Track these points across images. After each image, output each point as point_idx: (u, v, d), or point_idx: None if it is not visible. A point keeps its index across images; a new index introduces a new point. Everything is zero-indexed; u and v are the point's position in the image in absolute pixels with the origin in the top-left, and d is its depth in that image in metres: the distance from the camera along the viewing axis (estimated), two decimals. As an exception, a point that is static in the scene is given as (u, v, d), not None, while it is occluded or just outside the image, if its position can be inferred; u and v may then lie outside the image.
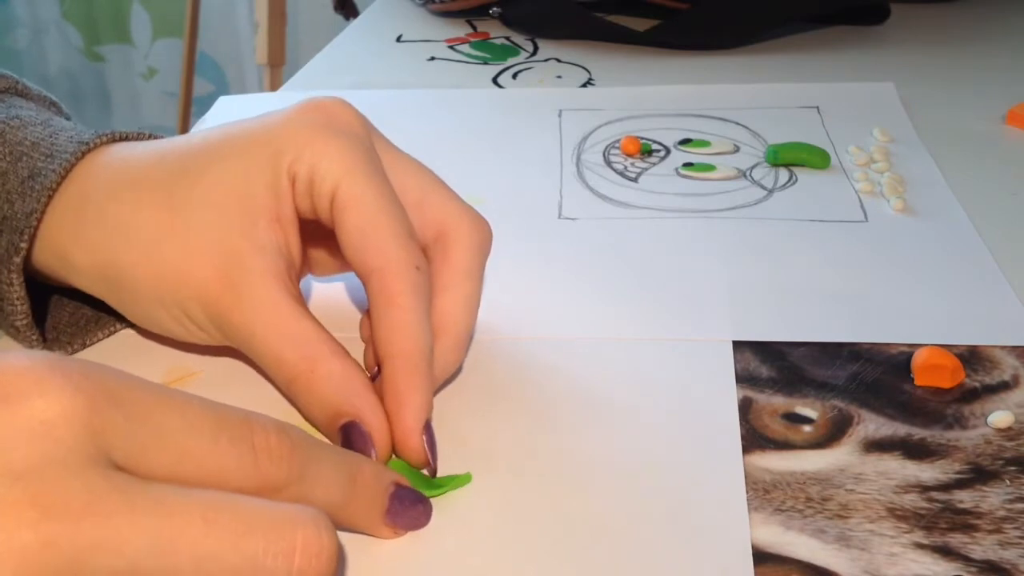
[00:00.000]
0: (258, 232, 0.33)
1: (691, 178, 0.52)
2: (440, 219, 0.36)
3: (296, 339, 0.33)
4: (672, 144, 0.55)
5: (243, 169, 0.34)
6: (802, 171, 0.52)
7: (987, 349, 0.38)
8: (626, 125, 0.58)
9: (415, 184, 0.36)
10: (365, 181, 0.33)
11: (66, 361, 0.23)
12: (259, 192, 0.34)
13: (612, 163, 0.53)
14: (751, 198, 0.50)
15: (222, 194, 0.34)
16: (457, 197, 0.37)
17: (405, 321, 0.32)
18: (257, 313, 0.33)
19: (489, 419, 0.35)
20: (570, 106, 0.60)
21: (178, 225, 0.34)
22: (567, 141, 0.56)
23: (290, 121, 0.34)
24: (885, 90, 0.61)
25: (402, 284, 0.32)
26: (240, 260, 0.33)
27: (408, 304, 0.32)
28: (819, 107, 0.59)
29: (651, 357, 0.38)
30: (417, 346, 0.32)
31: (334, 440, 0.32)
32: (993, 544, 0.30)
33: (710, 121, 0.58)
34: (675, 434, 0.34)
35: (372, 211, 0.33)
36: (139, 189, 0.35)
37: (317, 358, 0.32)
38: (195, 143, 0.35)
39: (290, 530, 0.23)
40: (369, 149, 0.34)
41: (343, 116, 0.35)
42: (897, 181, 0.50)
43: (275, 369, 0.33)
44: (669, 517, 0.30)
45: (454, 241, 0.36)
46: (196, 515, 0.22)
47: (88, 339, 0.39)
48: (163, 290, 0.34)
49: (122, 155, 0.36)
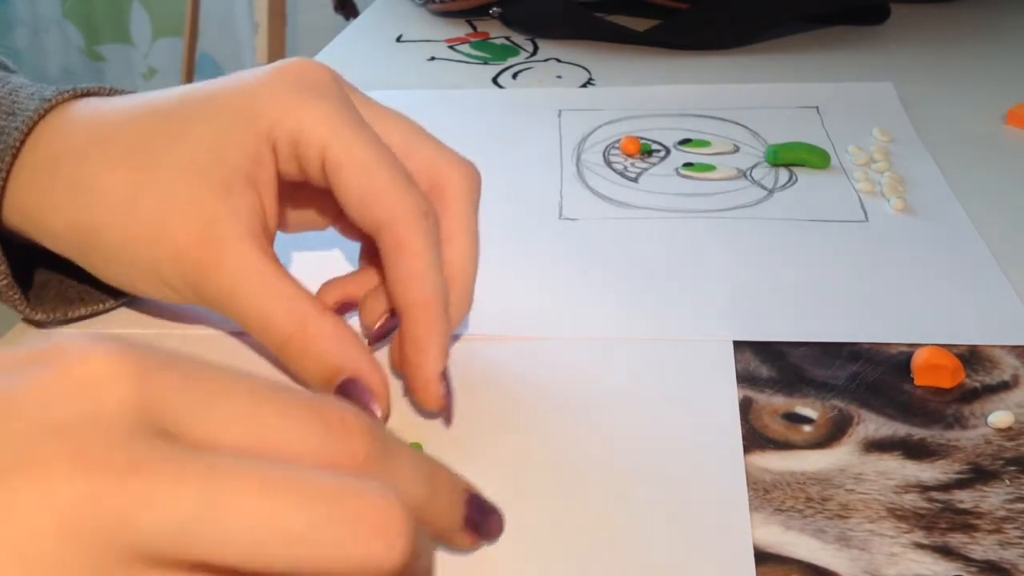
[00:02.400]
0: (234, 196, 0.33)
1: (691, 178, 0.52)
2: (431, 168, 0.36)
3: (284, 299, 0.33)
4: (672, 144, 0.55)
5: (219, 132, 0.34)
6: (802, 171, 0.52)
7: (987, 349, 0.38)
8: (626, 125, 0.58)
9: (400, 136, 0.36)
10: (353, 138, 0.33)
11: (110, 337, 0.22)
12: (235, 156, 0.33)
13: (612, 163, 0.53)
14: (751, 198, 0.50)
15: (197, 157, 0.33)
16: (443, 145, 0.37)
17: (420, 269, 0.33)
18: (241, 275, 0.33)
19: (488, 418, 0.35)
20: (570, 106, 0.60)
21: (152, 186, 0.34)
22: (567, 141, 0.56)
23: (267, 83, 0.34)
24: (884, 90, 0.61)
25: (414, 233, 0.33)
26: (217, 223, 0.33)
27: (422, 252, 0.33)
28: (819, 107, 0.59)
29: (651, 357, 0.38)
30: (436, 293, 0.33)
31: None
32: (993, 544, 0.30)
33: (710, 121, 0.58)
34: (675, 434, 0.34)
35: (369, 166, 0.33)
36: (110, 148, 0.34)
37: (307, 316, 0.33)
38: (168, 102, 0.35)
39: (356, 498, 0.21)
40: (350, 106, 0.34)
41: (318, 76, 0.35)
42: (897, 181, 0.50)
43: (265, 329, 0.33)
44: (670, 517, 0.31)
45: (449, 190, 0.36)
46: (252, 479, 0.20)
47: (71, 312, 0.38)
48: (136, 252, 0.34)
49: (91, 111, 0.36)
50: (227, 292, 0.33)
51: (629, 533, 0.30)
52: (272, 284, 0.33)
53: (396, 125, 0.36)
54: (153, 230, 0.33)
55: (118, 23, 2.08)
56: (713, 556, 0.29)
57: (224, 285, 0.33)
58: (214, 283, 0.33)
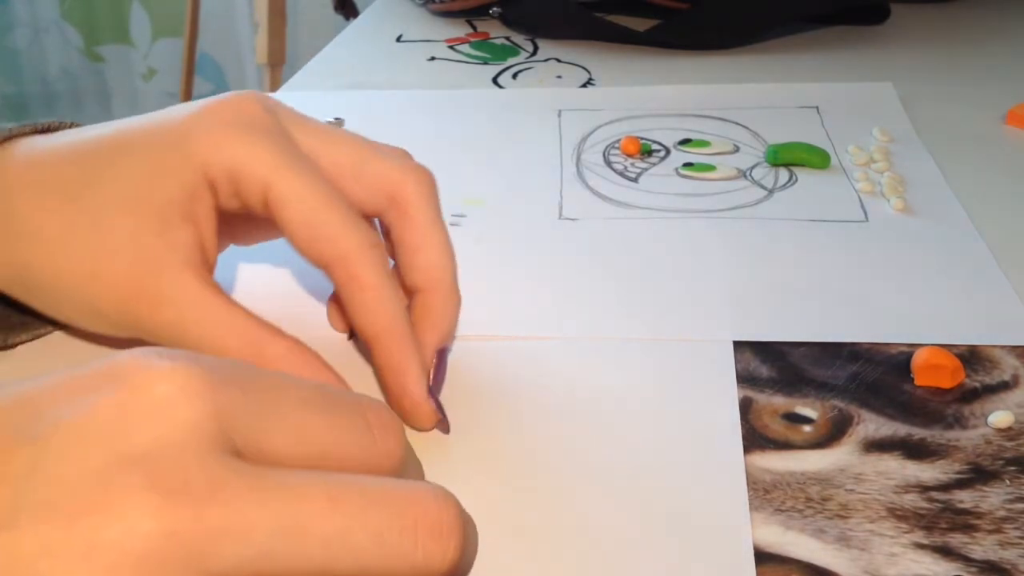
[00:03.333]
0: (170, 229, 0.33)
1: (691, 178, 0.52)
2: (384, 181, 0.35)
3: (234, 326, 0.33)
4: (672, 144, 0.55)
5: (153, 168, 0.33)
6: (802, 171, 0.52)
7: (987, 349, 0.38)
8: (626, 125, 0.58)
9: (346, 154, 0.35)
10: (294, 175, 0.33)
11: (173, 350, 0.22)
12: (170, 189, 0.33)
13: (612, 163, 0.53)
14: (751, 198, 0.50)
15: (130, 191, 0.33)
16: (391, 153, 0.36)
17: (379, 300, 0.33)
18: (185, 308, 0.33)
19: (488, 419, 0.35)
20: (570, 106, 0.60)
21: (85, 222, 0.33)
22: (567, 141, 0.56)
23: (200, 120, 0.34)
24: (884, 90, 0.61)
25: (364, 267, 0.33)
26: (155, 257, 0.33)
27: (374, 283, 0.33)
28: (819, 107, 0.59)
29: (651, 357, 0.38)
30: (395, 319, 0.33)
31: None
32: (993, 544, 0.30)
33: (710, 121, 0.58)
34: (675, 434, 0.34)
35: (311, 203, 0.33)
36: (45, 189, 0.34)
37: (261, 341, 0.33)
38: (100, 138, 0.35)
39: (411, 505, 0.22)
40: (287, 140, 0.34)
41: (253, 111, 0.34)
42: (897, 181, 0.50)
43: None
44: (670, 517, 0.31)
45: (407, 198, 0.35)
46: (321, 495, 0.21)
47: (11, 338, 0.38)
48: (73, 288, 0.34)
49: (26, 151, 0.35)
50: (173, 326, 0.33)
51: (629, 533, 0.30)
52: (219, 313, 0.33)
53: (343, 145, 0.36)
54: (88, 266, 0.33)
55: (118, 23, 2.08)
56: (713, 556, 0.29)
57: (168, 319, 0.33)
58: (157, 318, 0.33)
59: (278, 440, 0.22)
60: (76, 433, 0.20)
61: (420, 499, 0.22)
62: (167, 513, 0.19)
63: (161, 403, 0.21)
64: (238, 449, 0.21)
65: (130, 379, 0.21)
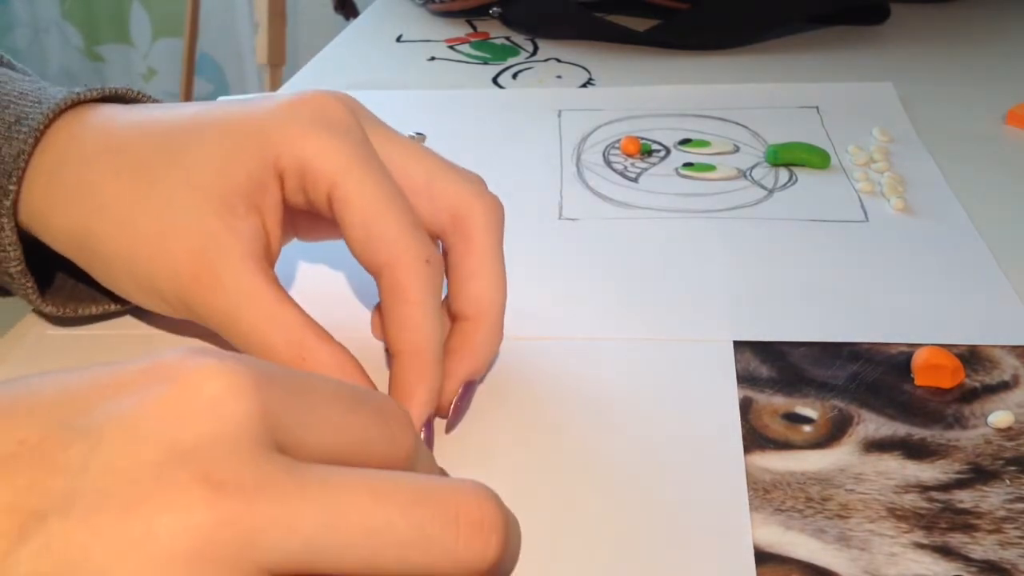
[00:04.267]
0: (236, 217, 0.33)
1: (691, 178, 0.52)
2: (453, 202, 0.35)
3: (282, 325, 0.33)
4: (672, 144, 0.55)
5: (227, 154, 0.34)
6: (802, 171, 0.52)
7: (987, 349, 0.38)
8: (626, 125, 0.58)
9: (420, 169, 0.35)
10: (362, 176, 0.33)
11: (215, 349, 0.22)
12: (240, 178, 0.33)
13: (612, 163, 0.53)
14: (751, 198, 0.50)
15: (201, 175, 0.33)
16: (465, 176, 0.36)
17: (414, 316, 0.33)
18: (240, 298, 0.33)
19: (489, 419, 0.35)
20: (570, 106, 0.60)
21: (155, 200, 0.34)
22: (567, 141, 0.56)
23: (279, 113, 0.34)
24: (884, 90, 0.61)
25: (412, 279, 0.33)
26: (217, 242, 0.33)
27: (418, 299, 0.33)
28: (819, 107, 0.59)
29: (651, 357, 0.38)
30: (426, 340, 0.33)
31: None
32: (993, 544, 0.30)
33: (710, 121, 0.58)
34: (675, 434, 0.34)
35: (375, 206, 0.33)
36: (118, 158, 0.35)
37: (305, 344, 0.33)
38: (181, 119, 0.35)
39: (453, 500, 0.22)
40: (363, 142, 0.34)
41: (334, 110, 0.34)
42: (897, 181, 0.50)
43: (262, 355, 0.33)
44: (670, 517, 0.31)
45: (472, 223, 0.35)
46: (363, 489, 0.21)
47: (81, 309, 0.39)
48: (134, 264, 0.34)
49: (104, 119, 0.36)
50: (224, 313, 0.33)
51: (629, 533, 0.30)
52: (271, 309, 0.33)
53: (416, 157, 0.35)
54: (151, 245, 0.34)
55: (118, 23, 2.08)
56: (713, 556, 0.29)
57: (221, 306, 0.33)
58: (211, 303, 0.33)
59: (315, 436, 0.22)
60: (128, 428, 0.20)
61: (462, 494, 0.22)
62: (218, 505, 0.20)
63: (210, 400, 0.21)
64: (281, 445, 0.22)
65: (179, 377, 0.21)
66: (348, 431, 0.23)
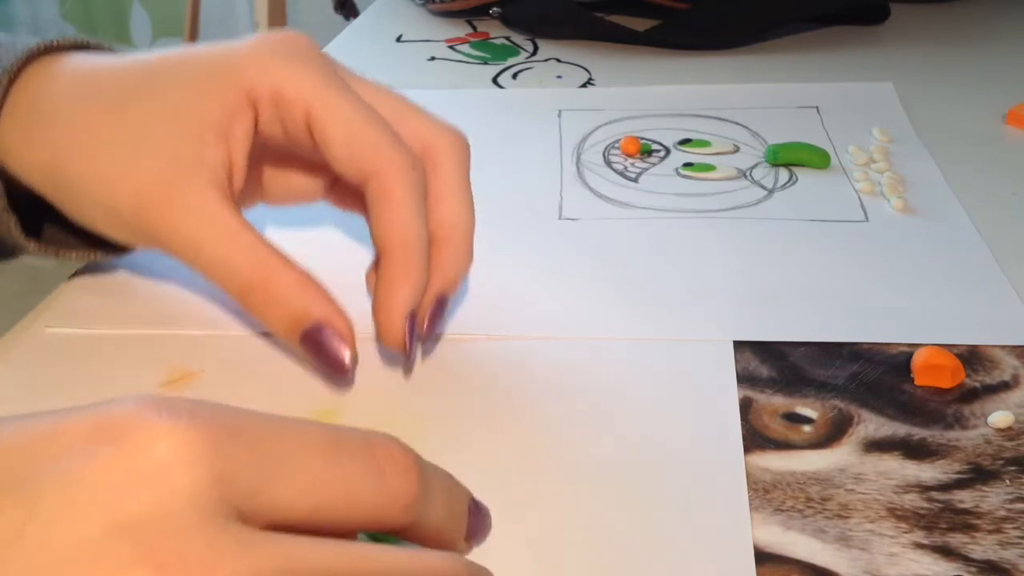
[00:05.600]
0: (205, 146, 0.34)
1: (691, 178, 0.52)
2: (421, 133, 0.37)
3: (247, 247, 0.33)
4: (672, 144, 0.55)
5: (199, 86, 0.35)
6: (802, 171, 0.52)
7: (987, 349, 0.38)
8: (626, 125, 0.58)
9: (388, 107, 0.37)
10: (337, 96, 0.34)
11: (174, 399, 0.21)
12: (211, 108, 0.34)
13: (612, 163, 0.53)
14: (751, 198, 0.50)
15: (172, 104, 0.34)
16: (431, 114, 0.38)
17: (403, 216, 0.34)
18: (204, 222, 0.33)
19: (488, 418, 0.35)
20: (570, 106, 0.60)
21: (126, 129, 0.35)
22: (567, 141, 0.56)
23: (251, 47, 0.35)
24: (884, 90, 0.61)
25: (399, 183, 0.34)
26: (184, 169, 0.34)
27: (406, 201, 0.34)
28: (819, 107, 0.59)
29: (651, 357, 0.38)
30: (413, 237, 0.34)
31: (294, 345, 0.34)
32: (993, 544, 0.30)
33: (710, 121, 0.58)
34: (675, 434, 0.34)
35: (355, 121, 0.34)
36: (94, 95, 0.35)
37: (270, 264, 0.33)
38: (154, 59, 0.36)
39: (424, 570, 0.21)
40: (331, 69, 0.36)
41: (302, 43, 0.36)
42: (897, 181, 0.50)
43: (228, 278, 0.34)
44: (670, 517, 0.31)
45: (439, 155, 0.37)
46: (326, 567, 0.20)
47: (62, 252, 0.40)
48: (100, 191, 0.35)
49: (84, 64, 0.37)
50: (188, 237, 0.34)
51: (629, 533, 0.30)
52: (235, 233, 0.33)
53: (384, 97, 0.37)
54: (119, 170, 0.34)
55: (118, 23, 2.08)
56: (713, 556, 0.29)
57: (184, 230, 0.33)
58: (174, 226, 0.34)
59: (285, 493, 0.21)
60: (67, 495, 0.19)
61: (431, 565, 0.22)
62: None
63: (158, 468, 0.19)
64: (242, 511, 0.20)
65: (127, 437, 0.20)
66: (327, 487, 0.22)
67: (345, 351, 0.33)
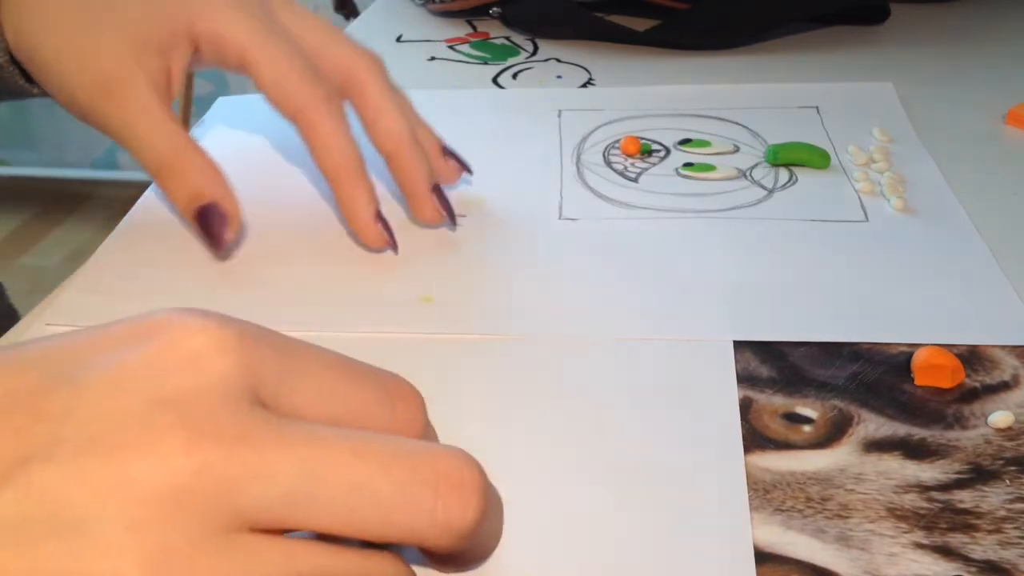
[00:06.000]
0: (147, 56, 0.42)
1: (691, 178, 0.52)
2: (342, 66, 0.44)
3: (167, 134, 0.41)
4: (672, 144, 0.55)
5: (152, 10, 0.42)
6: (802, 171, 0.52)
7: (987, 349, 0.38)
8: (626, 125, 0.58)
9: (313, 37, 0.43)
10: (266, 40, 0.41)
11: (202, 310, 0.23)
12: (157, 31, 0.42)
13: (612, 163, 0.53)
14: (751, 198, 0.50)
15: (128, 23, 0.42)
16: (350, 42, 0.44)
17: (330, 143, 0.41)
18: (139, 112, 0.41)
19: (488, 419, 0.35)
20: (570, 106, 0.60)
21: (88, 33, 0.42)
22: (567, 141, 0.56)
23: None
24: (884, 90, 0.61)
25: (321, 115, 0.41)
26: (128, 70, 0.41)
27: (329, 128, 0.41)
28: (818, 107, 0.59)
29: (651, 357, 0.38)
30: (345, 157, 0.41)
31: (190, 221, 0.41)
32: (993, 544, 0.30)
33: (710, 121, 0.58)
34: (675, 434, 0.34)
35: (280, 64, 0.41)
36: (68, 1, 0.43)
37: (181, 148, 0.41)
38: None
39: (433, 460, 0.23)
40: (266, 15, 0.42)
41: None
42: (897, 181, 0.50)
43: (147, 155, 0.41)
44: (670, 517, 0.31)
45: (360, 79, 0.43)
46: (345, 447, 0.22)
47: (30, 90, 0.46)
48: (61, 74, 0.42)
49: None
50: (123, 122, 0.41)
51: (629, 533, 0.30)
52: (160, 122, 0.41)
53: (312, 27, 0.44)
54: (76, 62, 0.42)
55: None
56: (713, 556, 0.29)
57: (122, 116, 0.41)
58: (115, 113, 0.41)
59: (303, 399, 0.23)
60: (113, 378, 0.21)
61: (444, 457, 0.23)
62: (197, 451, 0.20)
63: (194, 355, 0.22)
64: (265, 402, 0.22)
65: (165, 334, 0.22)
66: (341, 401, 0.24)
67: (228, 229, 0.41)
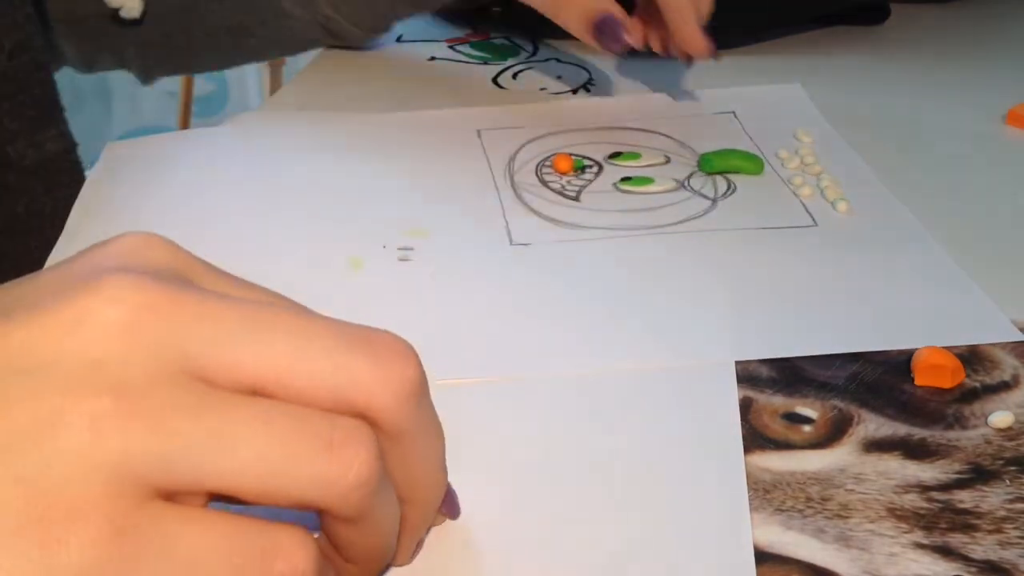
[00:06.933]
0: None
1: (632, 192, 0.50)
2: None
3: None
4: (603, 158, 0.53)
5: None
6: (738, 178, 0.51)
7: (987, 349, 0.38)
8: (551, 142, 0.55)
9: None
10: None
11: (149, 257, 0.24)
12: None
13: (548, 183, 0.51)
14: (696, 209, 0.48)
15: None
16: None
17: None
18: None
19: (489, 418, 0.35)
20: (487, 125, 0.57)
21: None
22: (495, 162, 0.53)
23: None
24: (794, 91, 0.60)
25: None
26: None
27: None
28: (735, 112, 0.58)
29: (652, 358, 0.38)
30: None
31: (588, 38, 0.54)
32: (993, 544, 0.30)
33: (633, 133, 0.56)
34: (675, 434, 0.34)
35: None
36: None
37: None
38: None
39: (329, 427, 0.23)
40: None
41: None
42: (834, 183, 0.49)
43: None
44: (670, 517, 0.31)
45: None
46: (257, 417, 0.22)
47: None
48: None
49: None
50: None
51: (629, 533, 0.30)
52: None
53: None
54: None
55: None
56: (713, 556, 0.29)
57: None
58: None
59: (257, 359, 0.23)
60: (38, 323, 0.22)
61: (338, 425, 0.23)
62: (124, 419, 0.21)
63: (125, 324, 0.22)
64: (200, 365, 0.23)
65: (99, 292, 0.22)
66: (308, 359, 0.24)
67: (623, 32, 0.51)
